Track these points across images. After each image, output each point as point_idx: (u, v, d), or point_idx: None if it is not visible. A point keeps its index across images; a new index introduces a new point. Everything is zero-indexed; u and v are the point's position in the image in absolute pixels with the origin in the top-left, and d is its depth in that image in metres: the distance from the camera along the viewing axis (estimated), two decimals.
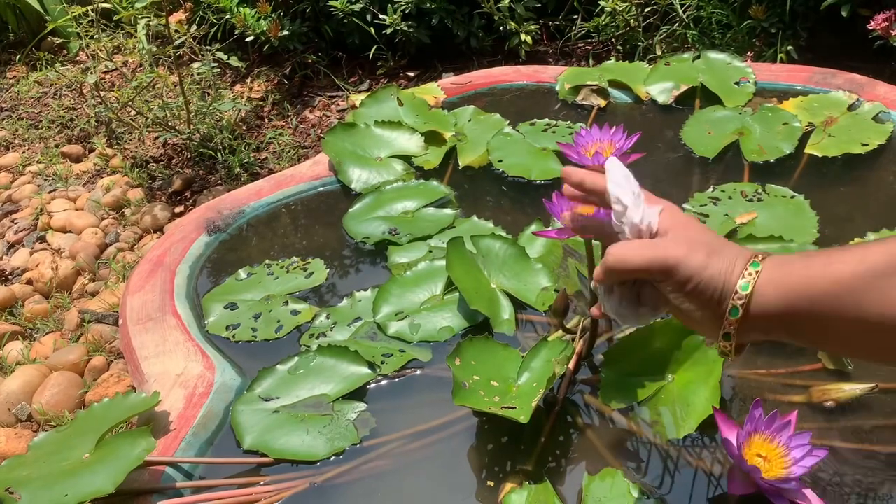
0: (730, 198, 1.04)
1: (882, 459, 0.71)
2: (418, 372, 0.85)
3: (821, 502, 0.66)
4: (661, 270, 0.52)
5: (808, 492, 0.65)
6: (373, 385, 0.84)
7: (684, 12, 1.82)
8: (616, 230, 0.56)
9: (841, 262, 0.48)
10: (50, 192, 1.78)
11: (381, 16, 1.89)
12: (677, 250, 0.52)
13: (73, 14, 1.89)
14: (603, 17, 1.93)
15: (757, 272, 0.50)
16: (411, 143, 1.22)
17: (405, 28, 1.88)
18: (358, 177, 1.16)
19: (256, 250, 1.07)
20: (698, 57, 1.35)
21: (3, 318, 1.40)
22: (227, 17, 1.93)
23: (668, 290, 0.53)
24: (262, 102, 1.99)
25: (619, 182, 0.55)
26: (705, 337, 0.57)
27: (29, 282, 1.48)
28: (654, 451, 0.74)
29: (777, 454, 0.66)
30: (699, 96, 1.28)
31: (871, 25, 1.45)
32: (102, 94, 1.88)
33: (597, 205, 0.61)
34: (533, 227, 1.02)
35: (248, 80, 2.10)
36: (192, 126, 1.79)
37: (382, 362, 0.86)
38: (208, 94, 1.94)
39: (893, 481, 0.69)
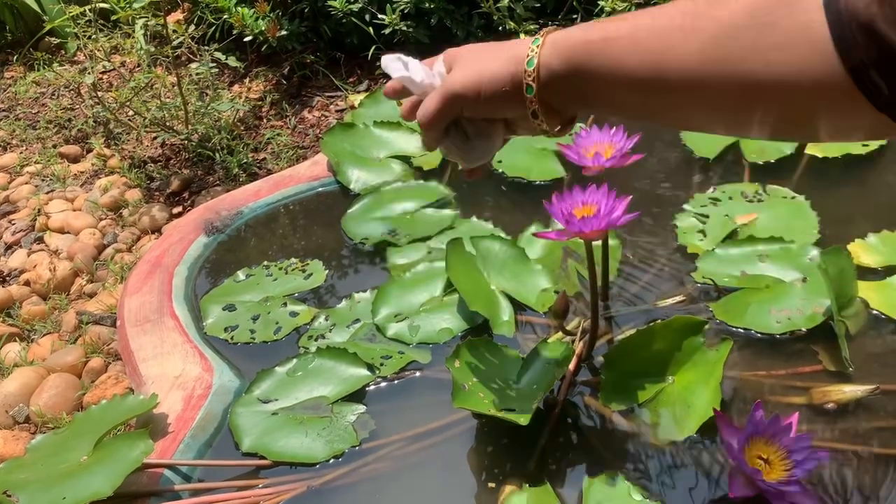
0: (730, 198, 1.04)
1: (883, 461, 0.71)
2: (417, 374, 0.85)
3: None
4: (451, 101, 0.58)
5: (809, 494, 0.65)
6: (372, 387, 0.84)
7: None
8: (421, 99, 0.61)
9: (613, 22, 0.53)
10: (48, 193, 1.77)
11: (379, 15, 1.89)
12: (453, 79, 0.58)
13: (71, 14, 1.89)
14: (602, 17, 1.93)
15: (538, 46, 0.54)
16: (410, 143, 1.22)
17: (404, 28, 1.88)
18: (357, 177, 1.16)
19: (255, 251, 1.07)
20: None
21: (1, 319, 1.40)
22: (226, 17, 1.92)
23: (476, 111, 0.58)
24: (260, 102, 1.99)
25: (394, 70, 0.62)
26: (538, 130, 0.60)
27: (26, 283, 1.47)
28: (654, 453, 0.74)
29: (778, 456, 0.66)
30: None
31: None
32: (100, 94, 1.88)
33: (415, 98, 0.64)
34: (532, 229, 1.02)
35: (247, 80, 2.10)
36: (190, 126, 1.79)
37: (381, 364, 0.85)
38: (206, 95, 1.94)
39: (894, 483, 0.69)
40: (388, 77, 0.64)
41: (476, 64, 0.57)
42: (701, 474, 0.71)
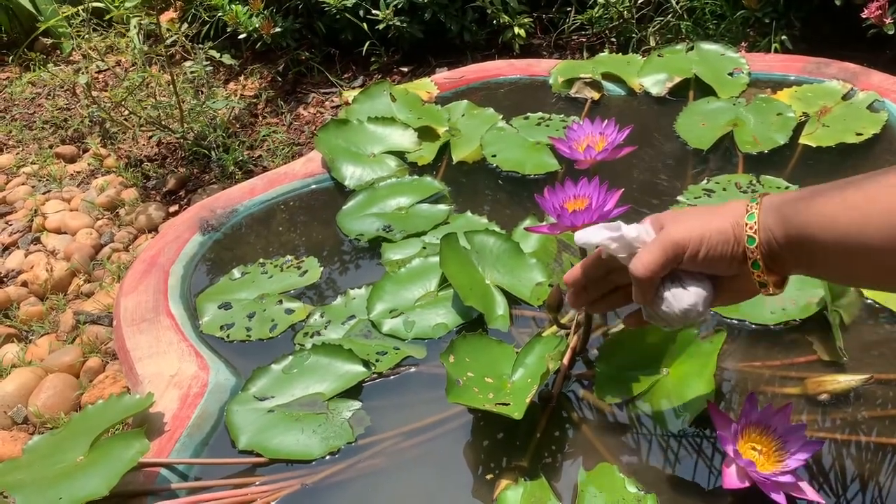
0: (724, 189, 1.04)
1: (878, 451, 0.71)
2: (413, 369, 0.85)
3: (816, 495, 0.66)
4: (674, 249, 0.58)
5: (804, 484, 0.65)
6: (367, 383, 0.84)
7: (678, 3, 1.81)
8: (625, 262, 0.62)
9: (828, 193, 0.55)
10: (44, 194, 1.77)
11: (373, 11, 1.88)
12: (677, 228, 0.59)
13: (65, 14, 1.89)
14: (596, 10, 1.93)
15: (757, 204, 0.57)
16: (404, 138, 1.22)
17: (398, 23, 1.88)
18: (351, 174, 1.16)
19: (250, 249, 1.07)
20: (692, 48, 1.35)
21: None
22: (219, 14, 1.92)
23: (695, 264, 0.59)
24: (255, 100, 1.98)
25: (599, 235, 0.62)
26: (748, 291, 0.61)
27: (24, 284, 1.48)
28: (649, 446, 0.74)
29: (772, 447, 0.66)
30: (693, 88, 1.28)
31: (864, 14, 1.45)
32: (95, 94, 1.87)
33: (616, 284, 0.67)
34: (527, 223, 1.02)
35: (242, 78, 2.10)
36: (185, 125, 1.79)
37: (377, 360, 0.85)
38: (201, 93, 1.94)
39: (889, 473, 0.69)
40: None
41: (696, 218, 0.59)
42: (695, 466, 0.71)
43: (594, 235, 0.63)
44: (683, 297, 0.61)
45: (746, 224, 0.57)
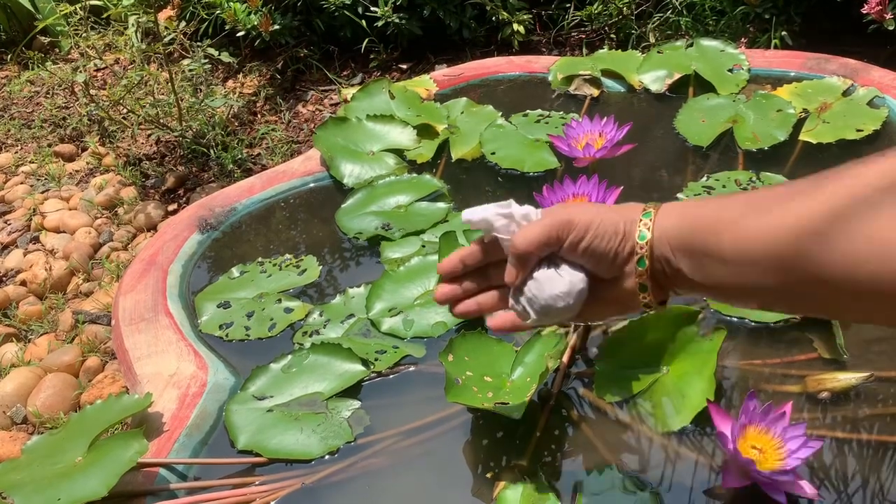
0: (724, 186, 1.04)
1: (878, 449, 0.71)
2: (412, 368, 0.85)
3: (816, 493, 0.66)
4: (560, 227, 0.55)
5: (804, 483, 0.65)
6: (367, 382, 0.84)
7: None
8: (507, 247, 0.58)
9: (731, 198, 0.50)
10: (43, 192, 1.77)
11: (372, 8, 1.88)
12: (568, 209, 0.56)
13: (63, 12, 1.88)
14: (595, 6, 1.92)
15: (651, 220, 0.53)
16: (403, 136, 1.22)
17: (397, 20, 1.87)
18: (350, 172, 1.16)
19: (249, 248, 1.06)
20: (691, 44, 1.34)
21: None
22: (218, 12, 1.91)
23: (576, 252, 0.55)
24: (254, 98, 1.98)
25: (487, 212, 0.58)
26: (623, 302, 0.56)
27: (23, 283, 1.48)
28: (649, 444, 0.74)
29: (772, 446, 0.66)
30: (692, 84, 1.27)
31: (864, 9, 1.44)
32: (94, 92, 1.87)
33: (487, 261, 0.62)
34: None
35: (240, 76, 2.09)
36: (184, 123, 1.78)
37: (376, 359, 0.85)
38: (200, 91, 1.93)
39: (889, 471, 0.69)
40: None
41: (591, 207, 0.56)
42: (695, 465, 0.71)
43: (482, 212, 0.59)
44: (555, 282, 0.55)
45: (641, 220, 0.53)
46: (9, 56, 2.41)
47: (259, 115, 1.93)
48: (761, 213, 0.47)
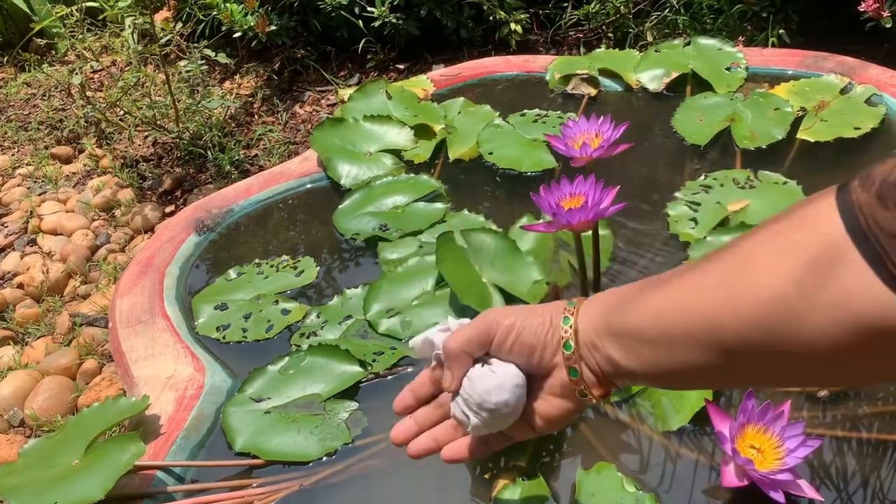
0: (721, 185, 1.04)
1: (877, 448, 0.71)
2: (410, 369, 0.85)
3: (815, 493, 0.65)
4: (487, 324, 0.54)
5: (803, 482, 0.65)
6: (364, 384, 0.83)
7: None
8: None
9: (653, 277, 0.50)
10: (40, 195, 1.77)
11: (369, 8, 1.88)
12: (495, 310, 0.56)
13: (59, 14, 1.88)
14: (593, 5, 1.92)
15: (574, 308, 0.52)
16: (401, 136, 1.21)
17: (394, 20, 1.87)
18: (347, 172, 1.15)
19: (246, 249, 1.06)
20: (689, 43, 1.34)
21: None
22: (214, 13, 1.91)
23: (505, 349, 0.54)
24: (251, 99, 1.98)
25: (429, 333, 0.58)
26: (562, 403, 0.55)
27: (20, 286, 1.47)
28: (647, 444, 0.73)
29: (771, 445, 0.66)
30: (690, 83, 1.27)
31: (862, 7, 1.44)
32: (90, 94, 1.87)
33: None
34: (524, 221, 1.01)
35: (237, 77, 2.09)
36: (181, 125, 1.78)
37: (374, 360, 0.85)
38: (197, 92, 1.93)
39: (888, 469, 0.69)
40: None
41: (518, 309, 0.56)
42: (694, 465, 0.71)
43: (424, 335, 0.59)
44: (488, 378, 0.54)
45: (565, 309, 0.52)
46: (5, 58, 2.41)
47: (256, 116, 1.92)
48: (664, 284, 0.47)
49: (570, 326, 0.51)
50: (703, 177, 1.06)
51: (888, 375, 0.44)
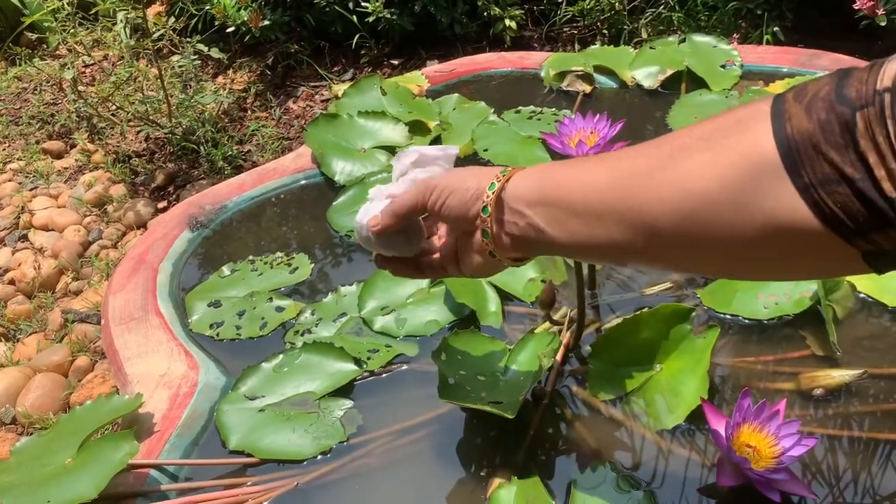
0: None
1: (871, 446, 0.71)
2: (405, 367, 0.85)
3: (810, 491, 0.66)
4: (425, 190, 0.60)
5: (798, 481, 0.65)
6: (359, 381, 0.83)
7: None
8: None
9: (589, 157, 0.55)
10: (31, 190, 1.75)
11: (363, 3, 1.87)
12: (437, 178, 0.61)
13: (50, 8, 1.86)
14: (588, 1, 1.91)
15: (505, 176, 0.56)
16: (395, 133, 1.21)
17: (388, 15, 1.86)
18: (341, 169, 1.15)
19: (240, 246, 1.06)
20: (684, 40, 1.34)
21: None
22: (207, 7, 1.90)
23: (432, 208, 0.59)
24: (244, 94, 1.97)
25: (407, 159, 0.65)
26: (482, 259, 0.60)
27: (11, 282, 1.46)
28: (643, 443, 0.73)
29: (766, 444, 0.66)
30: (685, 80, 1.27)
31: (856, 5, 1.45)
32: (82, 88, 1.85)
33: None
34: None
35: (230, 72, 2.08)
36: (173, 120, 1.77)
37: (368, 358, 0.85)
38: (190, 87, 1.92)
39: (883, 468, 0.69)
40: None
41: (458, 173, 0.61)
42: (689, 463, 0.71)
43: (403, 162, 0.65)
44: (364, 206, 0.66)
45: (495, 176, 0.56)
46: None
47: (249, 112, 1.91)
48: (600, 164, 0.50)
49: (493, 192, 0.55)
50: None
51: (795, 274, 0.49)
